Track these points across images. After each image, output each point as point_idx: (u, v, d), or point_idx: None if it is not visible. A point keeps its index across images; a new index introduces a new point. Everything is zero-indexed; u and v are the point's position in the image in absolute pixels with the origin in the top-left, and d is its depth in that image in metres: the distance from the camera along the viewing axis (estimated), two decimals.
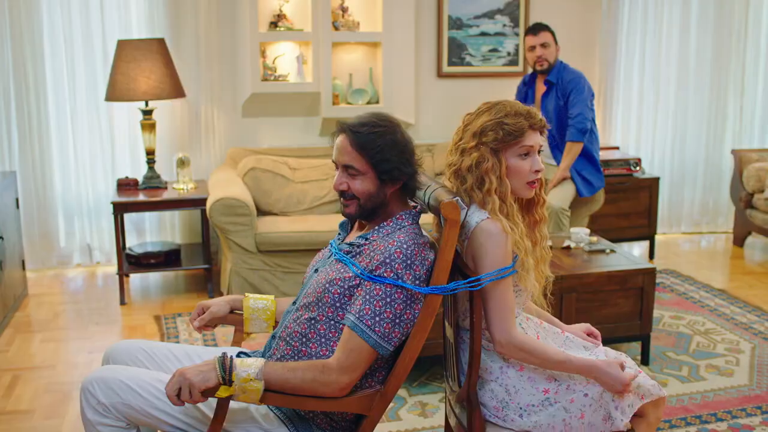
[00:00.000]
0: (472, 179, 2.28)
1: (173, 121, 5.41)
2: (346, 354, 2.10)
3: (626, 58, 6.18)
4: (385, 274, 2.11)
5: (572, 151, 4.85)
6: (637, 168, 5.71)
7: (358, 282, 2.16)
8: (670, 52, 6.21)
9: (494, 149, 2.25)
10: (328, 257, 2.34)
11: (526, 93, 5.10)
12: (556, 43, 4.90)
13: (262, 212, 5.00)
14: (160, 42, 4.93)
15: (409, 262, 2.12)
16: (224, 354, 2.08)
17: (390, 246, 2.14)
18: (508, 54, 5.90)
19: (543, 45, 4.87)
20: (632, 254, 4.40)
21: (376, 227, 2.26)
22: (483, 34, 5.86)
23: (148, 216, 5.50)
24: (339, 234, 2.41)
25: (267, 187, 5.07)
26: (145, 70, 4.80)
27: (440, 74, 5.84)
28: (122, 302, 4.85)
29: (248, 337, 2.64)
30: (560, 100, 4.88)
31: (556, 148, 5.00)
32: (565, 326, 2.51)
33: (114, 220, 4.86)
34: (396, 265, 2.11)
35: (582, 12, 6.02)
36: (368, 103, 5.54)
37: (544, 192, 2.41)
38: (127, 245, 5.25)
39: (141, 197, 4.94)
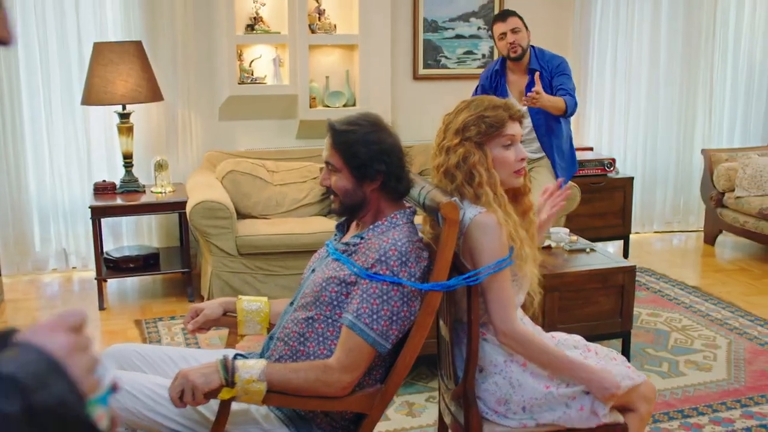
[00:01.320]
0: (461, 175, 2.31)
1: (150, 125, 5.38)
2: (346, 353, 2.12)
3: (598, 59, 6.26)
4: (381, 272, 2.13)
5: (559, 103, 4.38)
6: (612, 168, 5.80)
7: (354, 280, 2.18)
8: (641, 53, 6.32)
9: (478, 143, 2.30)
10: (325, 257, 2.36)
11: (497, 84, 4.74)
12: (526, 28, 4.62)
13: (241, 215, 5.00)
14: (138, 45, 4.90)
15: (404, 259, 2.15)
16: (226, 356, 2.08)
17: (385, 244, 2.17)
18: (483, 56, 5.95)
19: (513, 30, 4.55)
20: (611, 253, 4.47)
21: (371, 226, 2.29)
22: (458, 36, 5.91)
23: (125, 220, 5.46)
24: (335, 234, 2.43)
25: (246, 189, 5.06)
26: (122, 73, 4.77)
27: (416, 76, 5.88)
28: (101, 307, 4.81)
29: (242, 339, 2.65)
30: (548, 87, 4.51)
31: (545, 135, 4.67)
32: None
33: (92, 225, 4.82)
34: (391, 263, 2.14)
35: (555, 14, 6.10)
36: (345, 105, 5.55)
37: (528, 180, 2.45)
38: (105, 250, 5.21)
39: (119, 201, 4.91)
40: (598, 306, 3.89)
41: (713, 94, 6.51)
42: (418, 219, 2.43)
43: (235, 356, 2.35)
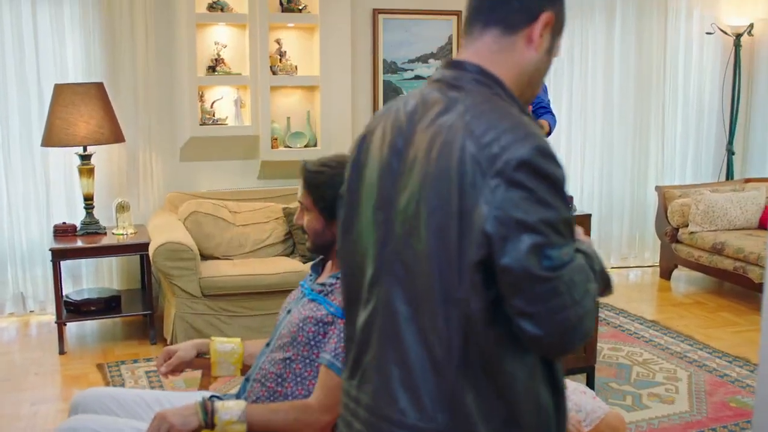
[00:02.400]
0: None
1: (111, 166, 5.35)
2: (326, 393, 2.12)
3: (554, 100, 6.39)
4: None
5: (544, 126, 4.36)
6: (571, 205, 5.90)
7: (332, 320, 2.20)
8: (596, 94, 6.49)
9: None
10: (301, 297, 2.38)
11: None
12: None
13: (204, 256, 4.97)
14: (99, 86, 4.89)
15: None
16: (204, 397, 2.08)
17: None
18: None
19: None
20: None
21: None
22: (417, 77, 6.00)
23: (85, 262, 5.39)
24: (310, 275, 2.45)
25: (208, 230, 5.05)
26: (84, 114, 4.75)
27: None
28: (61, 351, 4.73)
29: (215, 381, 2.64)
30: None
31: None
32: None
33: (52, 267, 4.75)
34: None
35: None
36: (306, 146, 5.59)
37: None
38: (64, 293, 5.13)
39: (80, 243, 4.85)
40: None
41: (665, 133, 6.70)
42: None
43: (210, 398, 2.34)
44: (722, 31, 6.59)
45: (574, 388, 2.50)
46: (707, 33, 6.60)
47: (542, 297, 1.30)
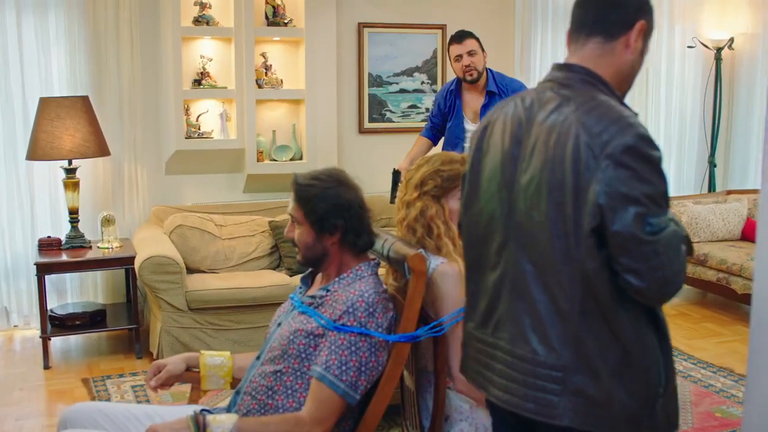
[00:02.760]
0: (421, 228, 2.39)
1: (96, 180, 5.33)
2: (317, 405, 2.13)
3: None
4: (348, 324, 2.17)
5: None
6: None
7: (322, 332, 2.21)
8: None
9: (435, 196, 2.39)
10: (291, 310, 2.38)
11: (452, 103, 4.70)
12: (482, 50, 4.58)
13: (189, 270, 4.96)
14: (85, 99, 4.88)
15: (371, 310, 2.19)
16: (196, 411, 2.08)
17: (352, 295, 2.21)
18: (427, 110, 6.08)
19: (470, 53, 4.51)
20: None
21: (337, 278, 2.32)
22: (402, 90, 6.03)
23: (70, 276, 5.36)
24: (300, 287, 2.45)
25: (194, 244, 5.04)
26: (69, 128, 4.74)
27: (362, 130, 5.97)
28: (46, 366, 4.69)
29: (204, 395, 2.64)
30: None
31: None
32: None
33: (37, 282, 4.71)
34: (359, 314, 2.17)
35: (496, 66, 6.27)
36: (292, 159, 5.59)
37: None
38: (49, 307, 5.10)
39: (65, 257, 4.82)
40: None
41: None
42: (381, 271, 2.47)
43: (202, 411, 2.33)
44: (703, 45, 6.67)
45: None
46: (689, 47, 6.67)
47: (645, 256, 1.63)
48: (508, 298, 1.82)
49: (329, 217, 2.28)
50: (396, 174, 4.56)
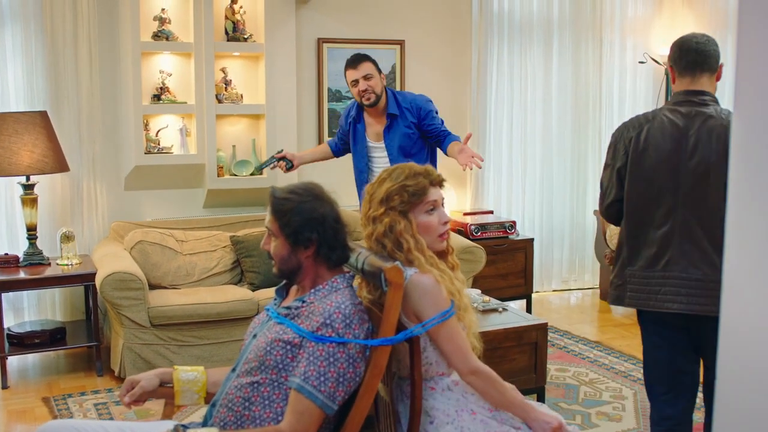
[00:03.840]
0: (390, 243, 2.42)
1: (55, 196, 5.26)
2: (297, 417, 2.14)
3: (495, 129, 6.55)
4: (327, 335, 2.19)
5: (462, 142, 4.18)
6: (513, 230, 6.03)
7: (299, 342, 2.22)
8: (535, 123, 6.65)
9: (402, 211, 2.42)
10: (266, 321, 2.39)
11: (355, 130, 4.53)
12: (379, 72, 4.42)
13: (151, 286, 4.91)
14: (43, 115, 4.83)
15: (348, 321, 2.21)
16: (176, 425, 2.08)
17: (329, 307, 2.23)
18: None
19: (366, 77, 4.33)
20: (522, 311, 4.63)
21: (312, 290, 2.34)
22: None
23: (27, 294, 5.27)
24: (275, 299, 2.47)
25: (155, 260, 5.00)
26: (27, 143, 4.68)
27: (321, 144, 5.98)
28: (4, 386, 4.60)
29: (178, 411, 2.63)
30: (410, 129, 4.36)
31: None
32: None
33: None
34: (336, 325, 2.20)
35: (453, 86, 6.37)
36: (252, 174, 5.59)
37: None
38: (6, 325, 5.01)
39: (22, 275, 4.75)
40: (514, 363, 4.02)
41: (602, 160, 6.83)
42: (355, 283, 2.50)
43: (180, 426, 2.33)
44: (654, 60, 6.84)
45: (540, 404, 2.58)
46: (640, 62, 6.84)
47: None
48: (678, 244, 2.69)
49: (303, 231, 2.30)
50: (279, 154, 4.68)
